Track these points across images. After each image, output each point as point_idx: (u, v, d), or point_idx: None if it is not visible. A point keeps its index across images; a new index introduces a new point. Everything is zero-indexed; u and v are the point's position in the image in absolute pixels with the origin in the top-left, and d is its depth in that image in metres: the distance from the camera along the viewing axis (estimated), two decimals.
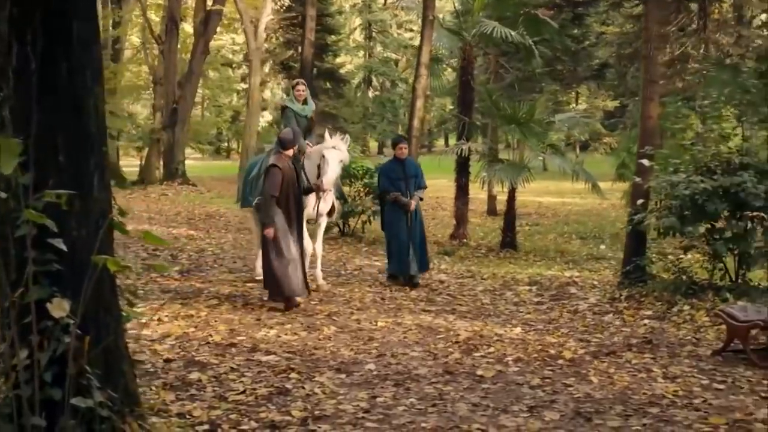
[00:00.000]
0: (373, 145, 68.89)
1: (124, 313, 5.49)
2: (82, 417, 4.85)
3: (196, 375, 8.19)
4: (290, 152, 12.07)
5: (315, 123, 14.29)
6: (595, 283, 14.34)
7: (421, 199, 14.52)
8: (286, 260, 11.69)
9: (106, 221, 5.06)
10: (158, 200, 30.65)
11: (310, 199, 13.13)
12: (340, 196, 14.61)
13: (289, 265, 11.70)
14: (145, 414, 5.63)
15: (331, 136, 13.32)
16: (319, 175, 13.09)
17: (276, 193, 11.68)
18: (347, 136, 13.69)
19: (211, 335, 9.96)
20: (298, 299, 11.89)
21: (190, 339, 9.76)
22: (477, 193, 24.54)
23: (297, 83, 14.15)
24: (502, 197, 21.94)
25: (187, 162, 40.95)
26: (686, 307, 11.70)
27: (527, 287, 13.99)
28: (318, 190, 13.13)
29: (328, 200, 13.47)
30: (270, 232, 11.66)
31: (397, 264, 14.15)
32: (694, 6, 32.75)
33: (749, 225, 12.18)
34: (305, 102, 13.85)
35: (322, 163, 13.04)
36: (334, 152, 13.10)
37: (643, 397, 7.82)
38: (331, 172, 13.03)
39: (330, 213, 13.75)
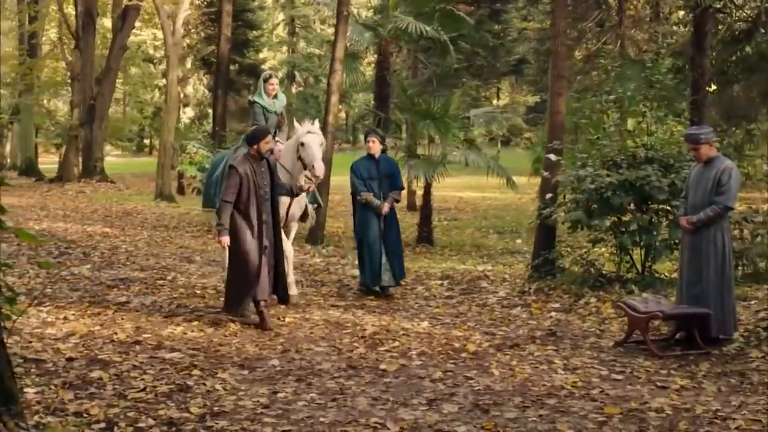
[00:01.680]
0: None
1: (5, 312, 5.42)
2: None
3: (97, 373, 8.10)
4: (254, 150, 10.65)
5: (285, 119, 12.98)
6: (507, 276, 14.45)
7: (397, 201, 13.27)
8: (248, 272, 10.43)
9: None
10: (75, 198, 30.26)
11: (283, 201, 11.67)
12: (315, 200, 13.06)
13: (249, 279, 10.43)
14: (23, 412, 5.56)
15: (301, 124, 11.83)
16: (305, 167, 11.60)
17: (229, 199, 10.34)
18: (317, 120, 12.23)
19: (116, 333, 9.85)
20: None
21: (95, 337, 9.65)
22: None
23: (270, 76, 12.88)
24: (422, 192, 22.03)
25: (108, 159, 40.50)
26: (593, 300, 11.89)
27: (439, 281, 14.06)
28: (305, 189, 11.76)
29: (302, 202, 12.15)
30: (223, 241, 10.37)
31: (369, 274, 12.83)
32: (613, 2, 33.10)
33: (654, 218, 12.39)
34: (275, 97, 12.66)
35: (302, 151, 11.54)
36: (311, 136, 11.61)
37: (543, 388, 7.93)
38: (319, 156, 11.55)
39: (303, 218, 12.55)
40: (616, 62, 26.52)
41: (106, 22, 42.59)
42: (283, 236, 11.59)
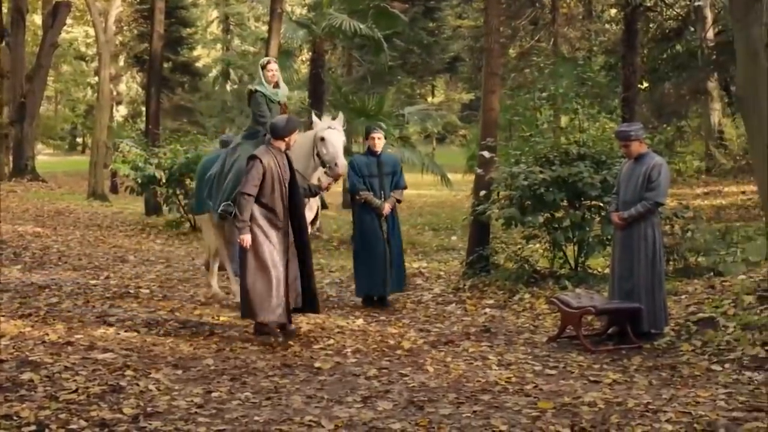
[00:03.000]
0: None
1: None
2: None
3: (28, 375, 7.96)
4: (282, 143, 9.66)
5: (288, 109, 11.86)
6: (442, 273, 14.49)
7: (399, 201, 12.28)
8: (269, 276, 9.47)
9: None
10: (6, 197, 29.67)
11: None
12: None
13: (271, 283, 9.47)
14: None
15: (320, 119, 10.88)
16: (323, 165, 10.58)
17: (251, 192, 9.36)
18: (341, 114, 11.10)
19: (47, 334, 9.71)
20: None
21: (25, 338, 9.50)
22: (335, 185, 24.58)
23: (268, 62, 11.60)
24: None
25: (39, 158, 39.92)
26: (527, 296, 11.97)
27: None
28: (324, 188, 10.76)
29: (313, 206, 11.00)
30: (246, 239, 9.36)
31: (367, 282, 11.99)
32: (547, 0, 33.43)
33: (586, 214, 12.51)
34: (276, 85, 11.43)
35: (322, 147, 10.47)
36: (333, 132, 10.55)
37: (477, 384, 7.97)
38: (341, 153, 10.51)
39: (313, 221, 11.17)
40: (549, 60, 26.77)
41: (37, 19, 42.03)
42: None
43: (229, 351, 9.18)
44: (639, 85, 26.86)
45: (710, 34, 27.71)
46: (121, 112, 54.38)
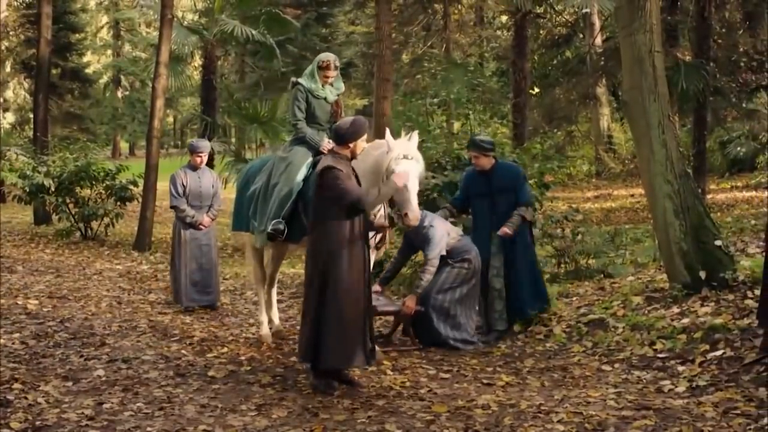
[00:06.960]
0: (125, 146, 67.45)
1: None
2: None
3: None
4: (346, 151, 8.04)
5: (342, 111, 9.85)
6: None
7: (525, 220, 10.09)
8: (358, 311, 7.93)
9: None
10: None
11: None
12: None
13: (359, 319, 7.96)
14: None
15: (393, 138, 8.50)
16: (390, 205, 8.80)
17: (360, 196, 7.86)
18: (415, 133, 8.68)
19: None
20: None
21: None
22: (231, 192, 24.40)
23: (328, 66, 9.49)
24: None
25: None
26: None
27: None
28: (384, 229, 8.83)
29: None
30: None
31: (499, 316, 10.23)
32: (439, 7, 33.73)
33: None
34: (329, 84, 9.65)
35: (388, 185, 8.14)
36: (408, 164, 8.28)
37: (372, 390, 7.97)
38: (415, 198, 8.32)
39: (378, 245, 9.20)
40: (441, 66, 26.99)
41: None
42: None
43: (121, 361, 9.03)
44: (530, 91, 27.26)
45: (598, 40, 28.25)
46: (8, 119, 53.22)
